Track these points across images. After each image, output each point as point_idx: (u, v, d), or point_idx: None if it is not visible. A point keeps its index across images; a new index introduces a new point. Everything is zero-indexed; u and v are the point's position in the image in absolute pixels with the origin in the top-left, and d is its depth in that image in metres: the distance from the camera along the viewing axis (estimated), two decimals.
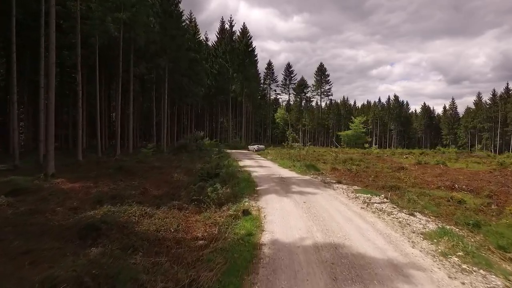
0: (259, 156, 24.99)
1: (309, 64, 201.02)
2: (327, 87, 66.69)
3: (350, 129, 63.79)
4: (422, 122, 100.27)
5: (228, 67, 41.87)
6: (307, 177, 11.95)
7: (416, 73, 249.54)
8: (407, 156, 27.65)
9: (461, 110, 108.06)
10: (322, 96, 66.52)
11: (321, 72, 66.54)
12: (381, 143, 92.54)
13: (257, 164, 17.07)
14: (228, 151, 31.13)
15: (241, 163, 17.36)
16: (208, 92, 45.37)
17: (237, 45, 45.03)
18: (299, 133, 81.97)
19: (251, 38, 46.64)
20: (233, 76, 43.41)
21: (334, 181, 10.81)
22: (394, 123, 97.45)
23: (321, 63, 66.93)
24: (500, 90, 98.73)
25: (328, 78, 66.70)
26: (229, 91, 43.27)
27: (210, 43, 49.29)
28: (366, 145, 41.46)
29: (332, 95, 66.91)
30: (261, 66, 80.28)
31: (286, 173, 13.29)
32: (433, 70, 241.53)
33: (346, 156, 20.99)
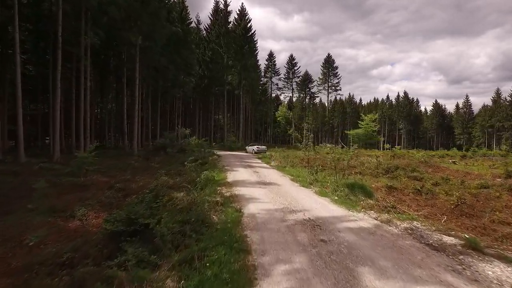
0: (259, 162, 18.46)
1: (310, 64, 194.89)
2: (335, 80, 59.83)
3: (360, 127, 57.35)
4: (433, 121, 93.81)
5: (223, 53, 35.30)
6: (367, 221, 5.38)
7: (416, 73, 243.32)
8: (453, 160, 21.11)
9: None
10: (330, 90, 59.63)
11: (329, 64, 59.72)
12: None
13: (257, 178, 10.47)
14: (221, 153, 24.62)
15: (230, 176, 10.81)
16: (200, 83, 38.84)
17: (233, 28, 38.41)
18: (302, 132, 75.34)
19: (250, 21, 40.02)
20: (229, 65, 36.79)
21: (450, 241, 4.26)
22: (404, 122, 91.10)
23: (328, 54, 60.20)
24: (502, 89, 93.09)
25: (337, 71, 59.89)
26: (225, 82, 36.65)
27: (202, 27, 42.73)
28: (387, 145, 35.00)
29: (340, 89, 59.89)
30: (262, 59, 73.34)
31: (313, 202, 6.74)
32: (434, 70, 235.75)
33: (384, 162, 14.39)
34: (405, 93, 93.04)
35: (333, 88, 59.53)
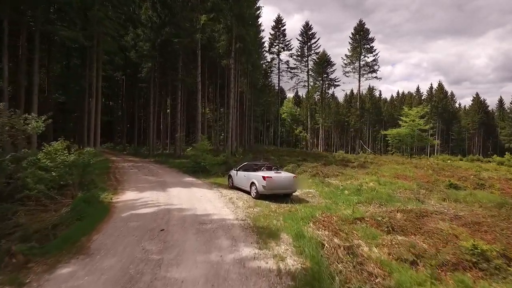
0: None
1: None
2: (370, 58, 41.48)
3: (403, 125, 39.44)
4: (475, 119, 75.64)
5: None
6: None
7: (417, 74, 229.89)
8: None
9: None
10: (362, 72, 41.17)
11: (361, 36, 41.34)
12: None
13: None
14: (147, 196, 6.58)
15: None
16: (155, 38, 20.63)
17: None
18: (317, 132, 57.22)
19: None
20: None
21: None
22: (438, 120, 72.50)
23: (360, 20, 41.69)
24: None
25: (373, 45, 41.41)
26: (196, 29, 18.51)
27: None
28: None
29: (378, 69, 41.08)
30: (266, 29, 53.87)
31: None
32: (434, 70, 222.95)
33: None
34: (440, 84, 75.33)
35: (368, 68, 41.13)
